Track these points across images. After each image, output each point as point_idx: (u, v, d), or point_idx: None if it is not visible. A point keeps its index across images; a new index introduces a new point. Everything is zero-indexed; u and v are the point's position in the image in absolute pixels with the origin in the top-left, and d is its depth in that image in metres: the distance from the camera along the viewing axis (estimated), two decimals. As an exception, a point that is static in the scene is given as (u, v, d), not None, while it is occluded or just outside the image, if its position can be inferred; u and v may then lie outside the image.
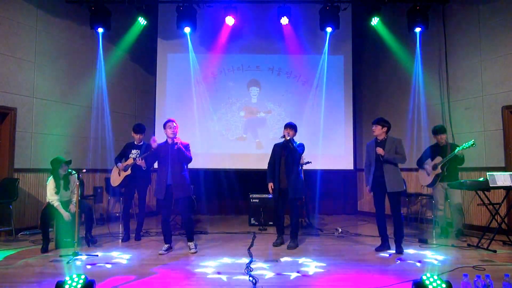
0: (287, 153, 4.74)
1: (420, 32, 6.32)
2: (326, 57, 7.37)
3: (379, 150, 4.39)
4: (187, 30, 6.66)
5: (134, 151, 5.24)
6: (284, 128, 4.80)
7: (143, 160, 4.99)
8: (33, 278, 3.46)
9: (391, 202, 4.39)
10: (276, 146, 4.94)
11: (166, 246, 4.50)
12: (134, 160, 5.09)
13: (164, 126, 4.51)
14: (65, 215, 4.53)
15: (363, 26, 7.01)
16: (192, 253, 4.37)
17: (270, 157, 4.96)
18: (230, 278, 3.46)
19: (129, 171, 5.15)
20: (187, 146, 4.54)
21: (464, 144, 4.88)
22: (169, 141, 4.46)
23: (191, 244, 4.47)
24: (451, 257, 4.15)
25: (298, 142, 4.78)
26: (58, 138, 6.09)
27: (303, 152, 4.81)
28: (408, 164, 5.76)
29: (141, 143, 5.33)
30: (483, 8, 5.82)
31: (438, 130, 5.31)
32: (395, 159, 4.34)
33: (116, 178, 5.29)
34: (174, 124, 4.47)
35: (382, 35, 6.90)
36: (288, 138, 4.67)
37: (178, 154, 4.41)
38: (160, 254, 4.37)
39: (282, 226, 4.95)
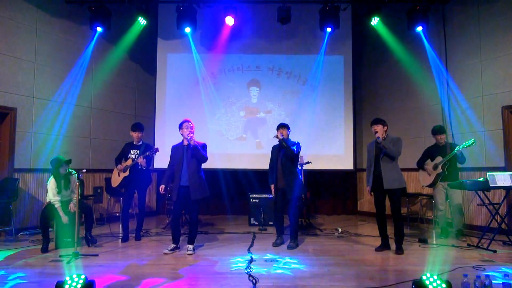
0: (283, 153, 4.76)
1: (424, 31, 6.31)
2: (325, 57, 7.37)
3: (379, 133, 4.39)
4: (187, 30, 6.67)
5: (133, 151, 5.23)
6: (277, 129, 4.84)
7: (144, 159, 4.99)
8: (33, 278, 3.46)
9: (391, 201, 4.38)
10: (274, 148, 4.98)
11: (173, 246, 4.48)
12: (133, 161, 5.09)
13: (181, 126, 4.49)
14: (64, 219, 4.54)
15: (363, 26, 7.00)
16: (189, 254, 4.34)
17: (270, 159, 4.99)
18: (230, 278, 3.46)
19: (127, 172, 5.14)
20: (204, 146, 4.52)
21: (464, 143, 4.87)
22: (185, 142, 4.43)
23: (190, 246, 4.43)
24: (451, 257, 4.15)
25: (294, 141, 4.80)
26: (58, 138, 6.10)
27: (299, 151, 4.82)
28: (408, 164, 5.79)
29: (140, 143, 5.32)
30: (483, 8, 5.82)
31: (437, 131, 5.30)
32: (390, 149, 4.32)
33: (115, 179, 5.28)
34: (191, 124, 4.48)
35: (382, 35, 6.90)
36: (281, 138, 4.69)
37: (195, 153, 4.37)
38: (164, 253, 4.37)
39: (282, 226, 4.95)
